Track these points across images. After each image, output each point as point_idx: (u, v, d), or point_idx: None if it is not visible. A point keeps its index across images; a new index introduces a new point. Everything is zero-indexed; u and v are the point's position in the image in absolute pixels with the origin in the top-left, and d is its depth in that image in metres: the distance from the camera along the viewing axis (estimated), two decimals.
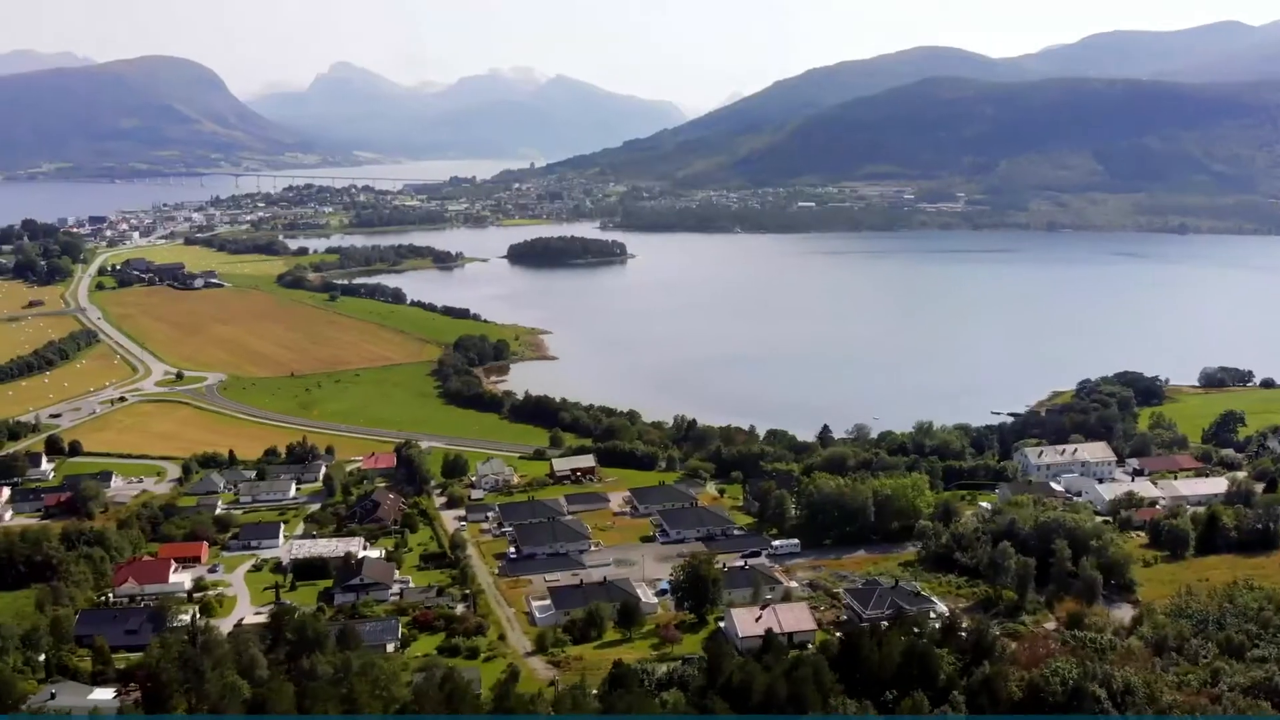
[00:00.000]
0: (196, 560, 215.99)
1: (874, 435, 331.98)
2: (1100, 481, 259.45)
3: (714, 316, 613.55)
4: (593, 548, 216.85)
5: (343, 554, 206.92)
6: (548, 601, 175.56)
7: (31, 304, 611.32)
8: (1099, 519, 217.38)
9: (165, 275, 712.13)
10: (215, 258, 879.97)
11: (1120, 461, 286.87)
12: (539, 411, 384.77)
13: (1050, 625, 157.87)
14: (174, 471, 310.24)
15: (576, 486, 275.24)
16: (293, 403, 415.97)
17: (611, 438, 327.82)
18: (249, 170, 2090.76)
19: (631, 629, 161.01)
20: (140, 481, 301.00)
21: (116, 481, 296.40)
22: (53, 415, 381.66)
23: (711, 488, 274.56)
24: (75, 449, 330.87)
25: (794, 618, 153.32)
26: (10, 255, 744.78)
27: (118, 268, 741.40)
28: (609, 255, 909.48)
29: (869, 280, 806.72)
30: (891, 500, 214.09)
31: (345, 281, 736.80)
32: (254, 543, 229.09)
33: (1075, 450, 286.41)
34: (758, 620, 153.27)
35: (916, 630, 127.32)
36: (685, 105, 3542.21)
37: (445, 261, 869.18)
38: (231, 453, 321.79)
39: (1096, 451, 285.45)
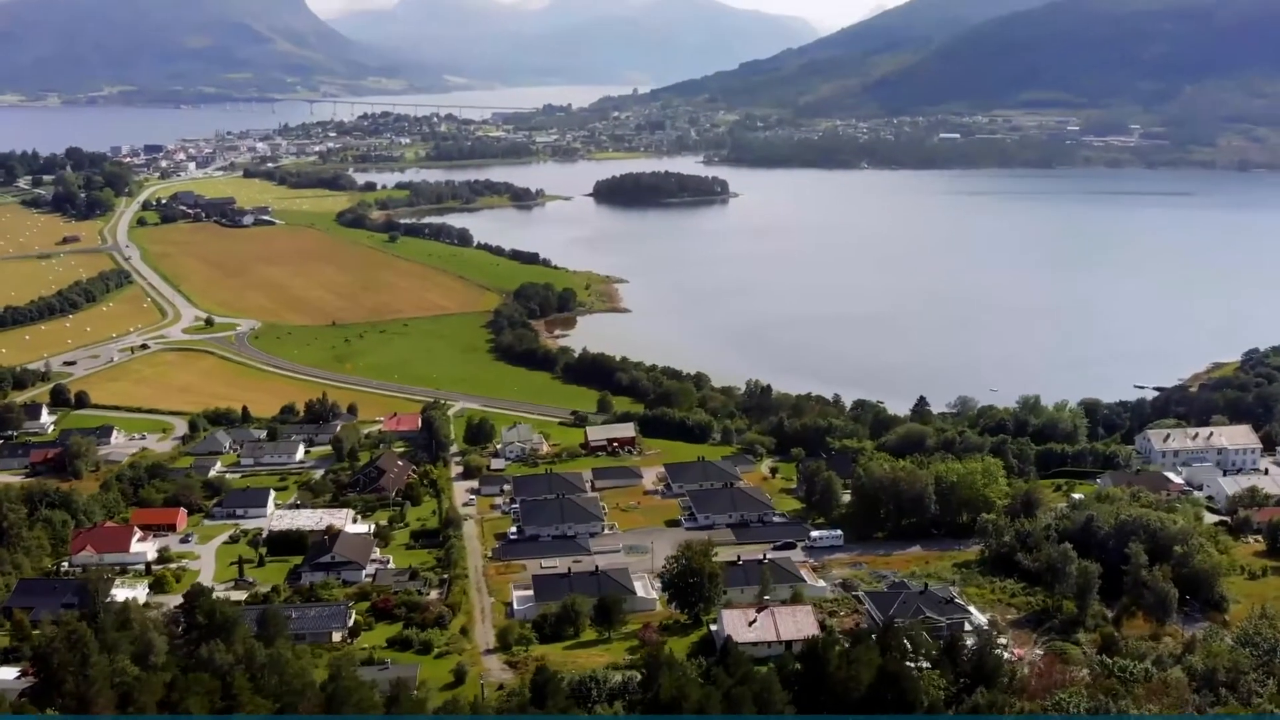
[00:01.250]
0: (171, 528, 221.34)
1: (978, 409, 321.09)
2: (1238, 471, 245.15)
3: (821, 266, 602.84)
4: (606, 531, 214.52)
5: (325, 527, 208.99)
6: (530, 591, 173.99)
7: (66, 240, 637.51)
8: (1214, 519, 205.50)
9: (213, 211, 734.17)
10: (274, 192, 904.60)
11: (1270, 449, 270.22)
12: (595, 371, 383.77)
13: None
14: (182, 428, 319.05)
15: (611, 459, 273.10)
16: (327, 355, 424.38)
17: (665, 404, 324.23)
18: (327, 96, 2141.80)
19: (611, 627, 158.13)
20: (143, 439, 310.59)
21: (117, 437, 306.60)
22: (67, 362, 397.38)
23: (765, 466, 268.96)
24: (82, 400, 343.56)
25: (794, 623, 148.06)
26: (50, 186, 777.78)
27: (163, 202, 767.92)
28: (707, 194, 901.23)
29: (1015, 225, 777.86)
30: (957, 489, 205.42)
31: (411, 220, 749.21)
32: (239, 511, 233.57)
33: (1211, 434, 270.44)
34: (751, 624, 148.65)
35: (909, 644, 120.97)
36: (819, 21, 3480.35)
37: (524, 199, 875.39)
38: (245, 409, 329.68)
39: (1237, 436, 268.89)
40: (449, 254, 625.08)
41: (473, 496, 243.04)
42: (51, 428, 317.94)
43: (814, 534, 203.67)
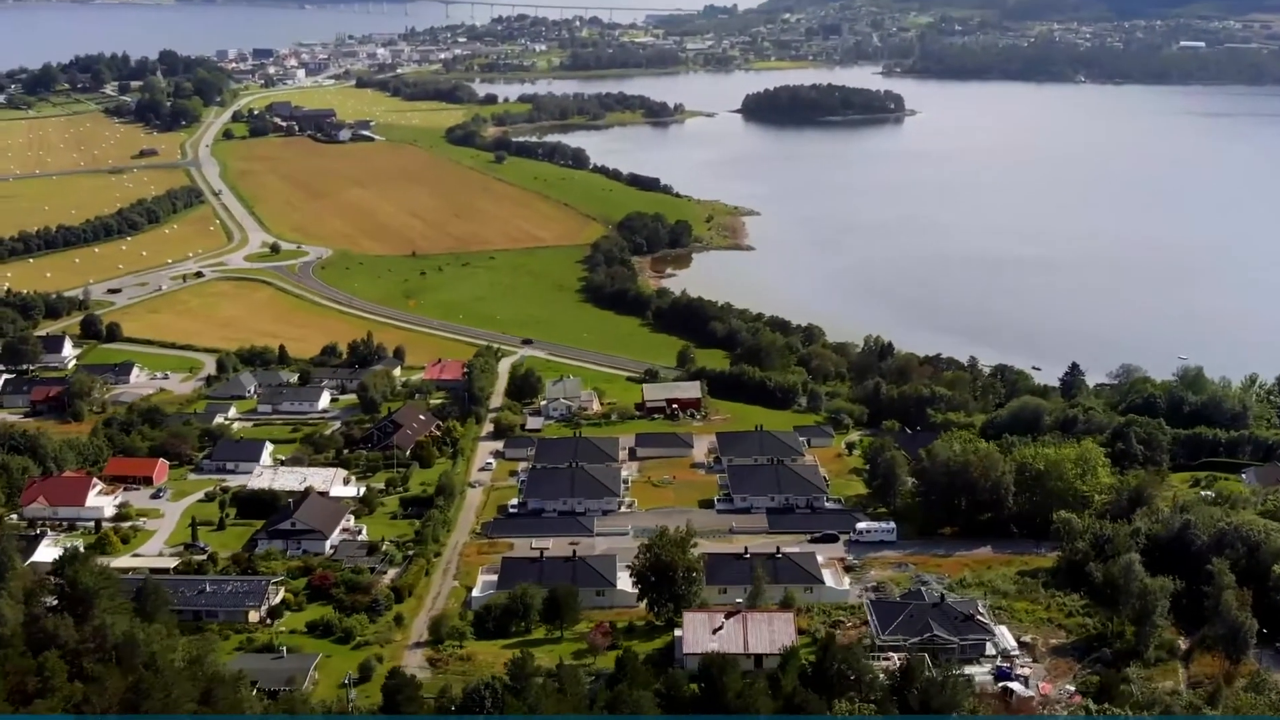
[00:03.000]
0: (148, 481, 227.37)
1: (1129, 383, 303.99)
2: None
3: (1003, 201, 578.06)
4: (622, 509, 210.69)
5: (304, 489, 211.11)
6: (496, 577, 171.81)
7: (143, 153, 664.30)
8: None
9: (308, 124, 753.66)
10: (384, 104, 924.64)
11: None
12: (688, 318, 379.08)
13: (1166, 685, 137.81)
14: (213, 367, 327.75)
15: (667, 424, 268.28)
16: (396, 289, 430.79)
17: (752, 361, 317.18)
18: None
19: (564, 625, 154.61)
20: (165, 378, 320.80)
21: (137, 376, 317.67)
22: (111, 290, 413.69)
23: (844, 440, 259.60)
24: (113, 333, 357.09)
25: (769, 633, 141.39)
26: (138, 93, 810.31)
27: (255, 113, 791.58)
28: (879, 111, 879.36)
29: (1264, 156, 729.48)
30: (1043, 480, 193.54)
31: (526, 139, 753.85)
32: (229, 465, 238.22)
33: None
34: (716, 632, 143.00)
35: (845, 667, 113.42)
36: None
37: (660, 115, 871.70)
38: (282, 349, 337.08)
39: None
40: (558, 177, 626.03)
41: (491, 461, 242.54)
42: (72, 362, 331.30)
43: (860, 526, 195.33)
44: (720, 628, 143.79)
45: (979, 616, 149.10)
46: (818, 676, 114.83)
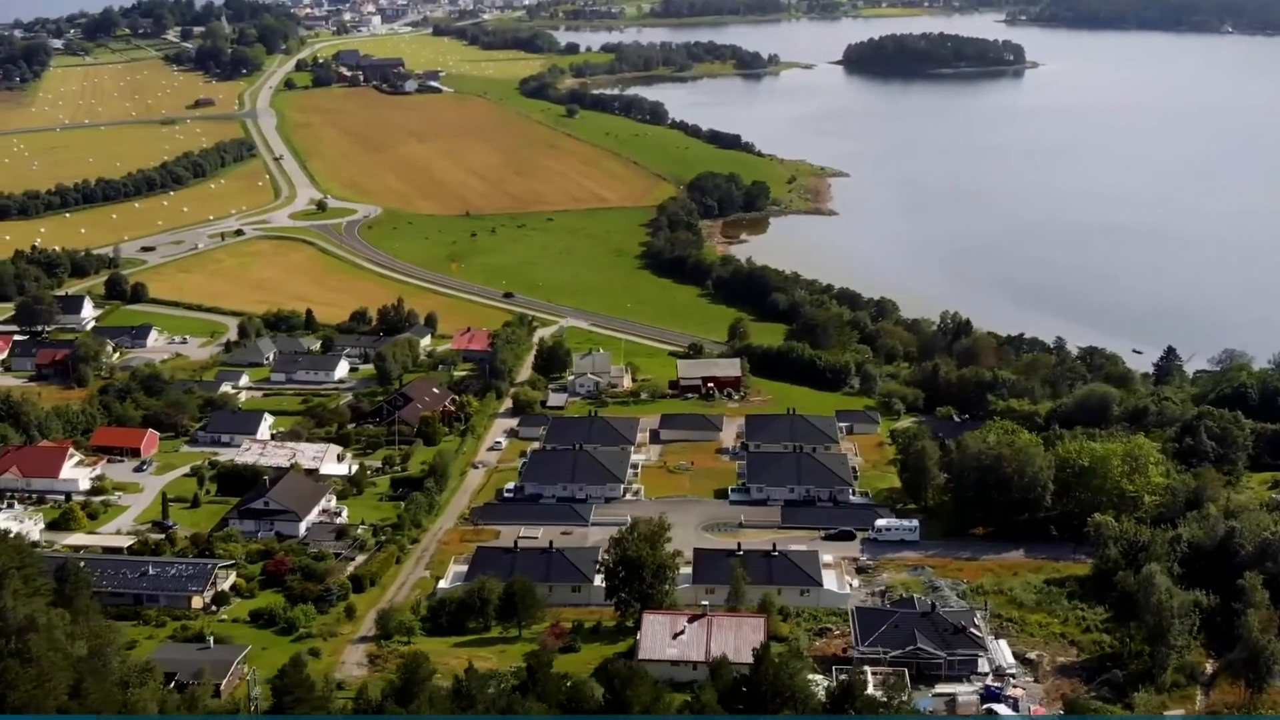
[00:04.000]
0: (135, 452, 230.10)
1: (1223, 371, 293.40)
2: None
3: (1125, 165, 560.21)
4: (627, 496, 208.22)
5: (289, 466, 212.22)
6: (466, 568, 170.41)
7: (198, 103, 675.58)
8: None
9: (374, 74, 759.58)
10: (460, 53, 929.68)
11: None
12: (751, 288, 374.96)
13: (1175, 713, 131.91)
14: (235, 331, 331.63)
15: (699, 404, 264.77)
16: (441, 251, 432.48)
17: (807, 337, 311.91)
18: None
19: (521, 624, 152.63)
20: (183, 342, 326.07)
21: (155, 339, 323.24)
22: (145, 248, 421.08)
23: (891, 427, 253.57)
24: (138, 293, 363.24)
25: (735, 639, 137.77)
26: (200, 39, 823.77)
27: (320, 62, 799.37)
28: (995, 64, 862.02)
29: None
30: (1086, 477, 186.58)
31: (604, 91, 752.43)
32: (224, 438, 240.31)
33: None
34: (677, 636, 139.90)
35: (774, 683, 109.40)
36: None
37: (751, 67, 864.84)
38: (309, 313, 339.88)
39: None
40: (631, 133, 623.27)
41: (501, 440, 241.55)
42: (91, 324, 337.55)
43: (880, 523, 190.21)
44: (681, 632, 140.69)
45: (972, 629, 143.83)
46: (751, 691, 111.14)
